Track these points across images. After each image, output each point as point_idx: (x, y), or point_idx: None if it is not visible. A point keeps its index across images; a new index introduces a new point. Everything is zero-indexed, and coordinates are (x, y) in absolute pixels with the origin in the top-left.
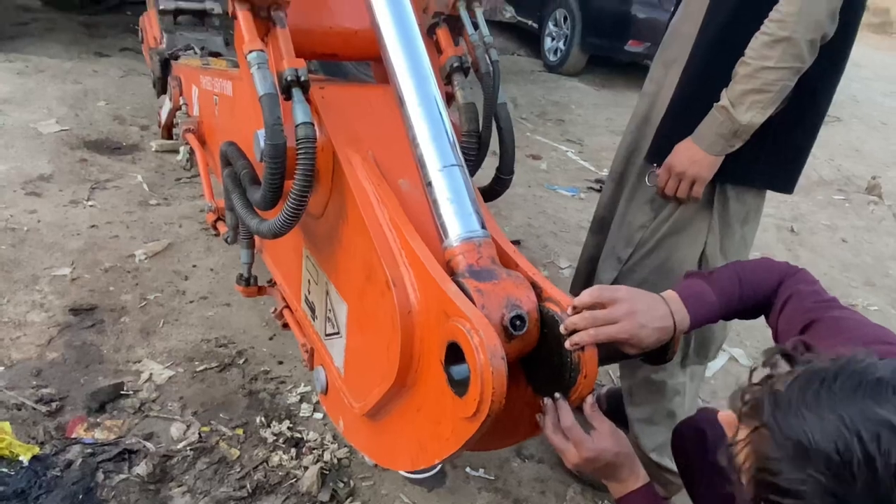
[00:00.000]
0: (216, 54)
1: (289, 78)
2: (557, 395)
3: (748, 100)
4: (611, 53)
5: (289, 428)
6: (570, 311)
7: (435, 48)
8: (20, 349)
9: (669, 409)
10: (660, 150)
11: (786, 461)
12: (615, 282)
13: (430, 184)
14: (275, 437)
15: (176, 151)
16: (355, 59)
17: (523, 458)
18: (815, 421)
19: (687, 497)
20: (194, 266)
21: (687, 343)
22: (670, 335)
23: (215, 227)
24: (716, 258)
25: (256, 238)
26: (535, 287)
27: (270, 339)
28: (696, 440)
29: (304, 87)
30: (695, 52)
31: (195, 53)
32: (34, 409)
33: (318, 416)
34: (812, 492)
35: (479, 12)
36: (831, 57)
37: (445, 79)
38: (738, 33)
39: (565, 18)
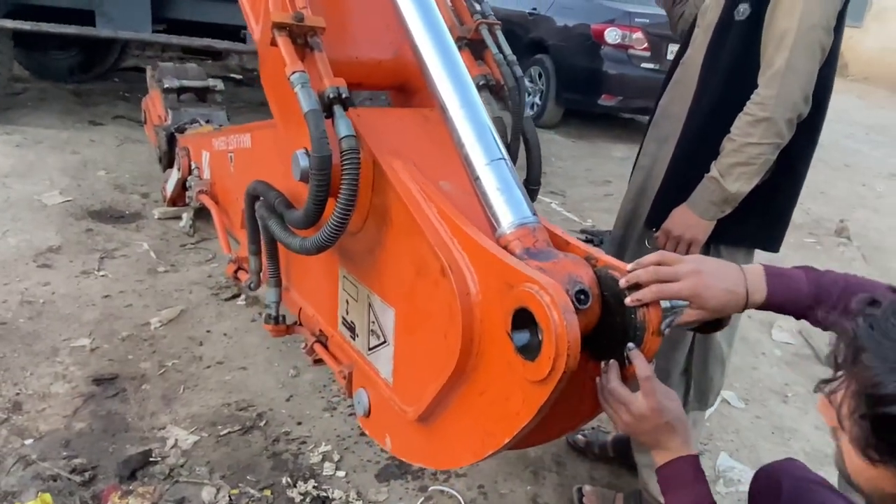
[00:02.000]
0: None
1: (331, 95)
2: (631, 344)
3: (736, 171)
4: (585, 107)
5: (314, 487)
6: (630, 267)
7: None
8: (47, 420)
9: None
10: (658, 216)
11: (890, 374)
12: None
13: (478, 178)
14: (302, 497)
15: (178, 218)
16: (378, 89)
17: None
18: None
19: None
20: (208, 331)
21: (687, 390)
22: (740, 304)
23: (236, 277)
24: None
25: (283, 276)
26: (590, 259)
27: (287, 400)
28: (770, 490)
29: (345, 104)
30: (686, 130)
31: (200, 126)
32: (69, 479)
33: (341, 474)
34: None
35: (499, 34)
36: (807, 132)
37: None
38: (725, 114)
39: (540, 75)
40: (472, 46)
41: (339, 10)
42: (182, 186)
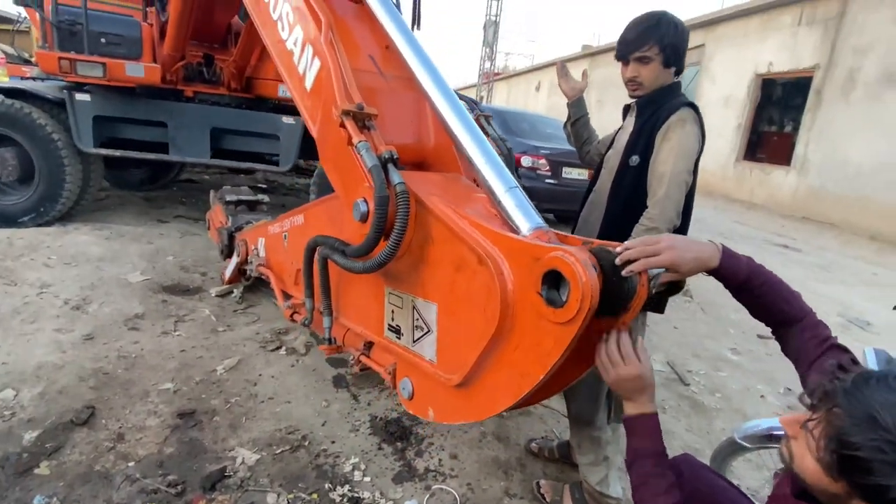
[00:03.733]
0: None
1: (386, 156)
2: (622, 321)
3: None
4: None
5: (349, 490)
6: (620, 248)
7: None
8: (144, 447)
9: (605, 455)
10: None
11: (858, 429)
12: None
13: (499, 201)
14: (340, 498)
15: (231, 293)
16: (403, 164)
17: (511, 497)
18: (880, 400)
19: None
20: (260, 375)
21: (610, 408)
22: (703, 269)
23: (293, 319)
24: None
25: (333, 308)
26: (586, 243)
27: (323, 425)
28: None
29: (396, 164)
30: (600, 233)
31: (253, 224)
32: (166, 491)
33: (367, 479)
34: (881, 448)
35: (492, 122)
36: (677, 234)
37: None
38: (626, 224)
39: None
40: None
41: (379, 109)
42: (238, 270)
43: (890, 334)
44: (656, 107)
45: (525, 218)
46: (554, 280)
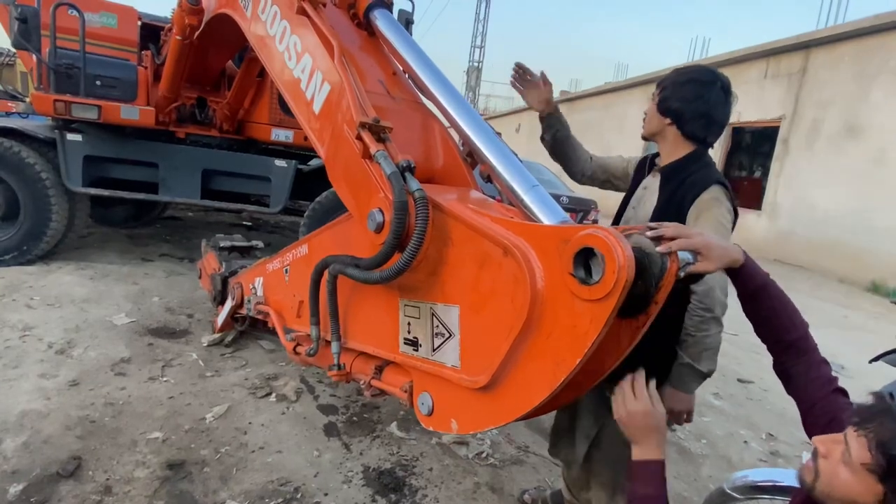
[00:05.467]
0: None
1: (403, 164)
2: (656, 301)
3: (704, 356)
4: None
5: None
6: (652, 224)
7: (472, 164)
8: (133, 500)
9: None
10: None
11: None
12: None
13: (522, 200)
14: None
15: (221, 342)
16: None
17: None
18: None
19: None
20: (249, 423)
21: None
22: (729, 261)
23: (296, 351)
24: None
25: (341, 332)
26: None
27: (315, 476)
28: None
29: (413, 172)
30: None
31: (248, 268)
32: None
33: None
34: None
35: None
36: None
37: (486, 178)
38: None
39: None
40: (472, 157)
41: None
42: (231, 317)
43: (864, 379)
44: (683, 177)
45: (550, 214)
46: (584, 262)
